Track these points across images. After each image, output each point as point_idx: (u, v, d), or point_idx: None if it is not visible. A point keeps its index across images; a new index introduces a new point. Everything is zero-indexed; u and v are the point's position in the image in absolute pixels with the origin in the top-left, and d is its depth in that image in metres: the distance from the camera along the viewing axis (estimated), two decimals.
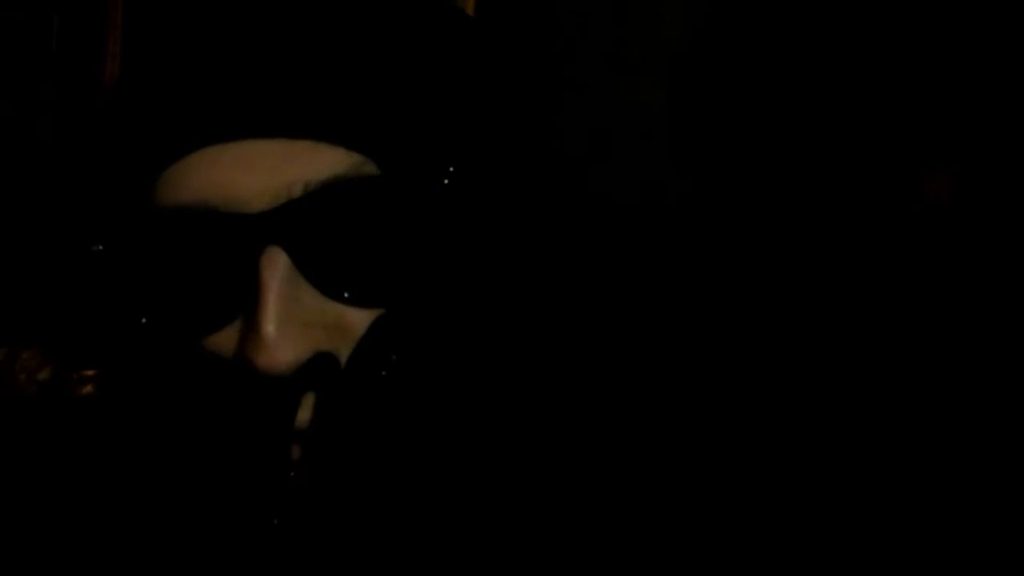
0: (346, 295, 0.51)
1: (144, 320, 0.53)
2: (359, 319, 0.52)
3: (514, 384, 0.55)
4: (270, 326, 0.49)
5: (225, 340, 0.52)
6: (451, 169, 0.52)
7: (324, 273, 0.51)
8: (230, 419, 0.51)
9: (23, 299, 1.28)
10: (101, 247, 0.54)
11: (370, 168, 0.51)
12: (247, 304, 0.50)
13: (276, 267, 0.50)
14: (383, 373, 0.52)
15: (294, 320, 0.50)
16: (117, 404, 0.66)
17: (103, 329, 0.60)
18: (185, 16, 0.54)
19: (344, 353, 0.52)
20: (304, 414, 0.51)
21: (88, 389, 1.04)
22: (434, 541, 0.53)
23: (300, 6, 0.53)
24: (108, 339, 0.63)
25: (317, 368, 0.50)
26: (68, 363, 1.08)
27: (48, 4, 1.38)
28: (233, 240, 0.50)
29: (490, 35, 0.58)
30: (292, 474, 0.50)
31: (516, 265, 0.55)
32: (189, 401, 0.53)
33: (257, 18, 0.53)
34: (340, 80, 0.51)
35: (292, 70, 0.51)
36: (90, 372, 1.05)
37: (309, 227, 0.50)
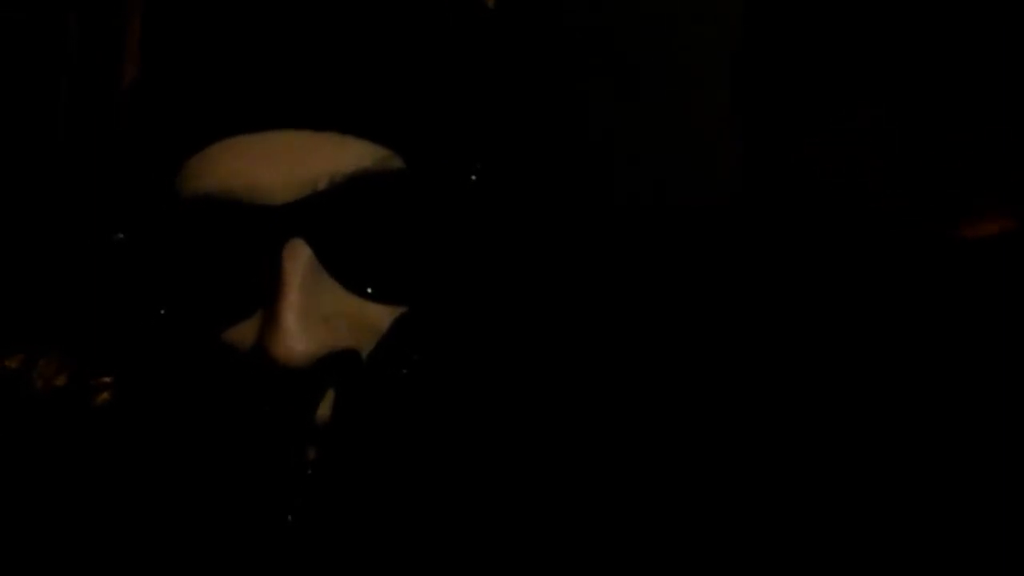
0: (369, 290, 0.51)
1: (164, 311, 0.53)
2: (381, 315, 0.51)
3: (539, 385, 0.54)
4: (290, 317, 0.48)
5: (245, 333, 0.51)
6: (478, 165, 0.51)
7: (347, 267, 0.50)
8: (247, 412, 0.51)
9: (40, 303, 1.28)
10: (122, 236, 0.53)
11: (396, 162, 0.50)
12: (268, 296, 0.50)
13: (298, 259, 0.49)
14: (404, 371, 0.51)
15: (314, 313, 0.49)
16: (134, 403, 0.65)
17: (121, 325, 0.60)
18: (211, 5, 0.54)
19: (365, 349, 0.51)
20: (324, 410, 0.50)
21: (105, 396, 1.03)
22: (451, 541, 0.52)
23: None
24: (126, 336, 0.62)
25: (337, 363, 0.50)
26: (86, 369, 1.07)
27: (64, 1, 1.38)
28: (256, 231, 0.50)
29: (516, 30, 0.58)
30: (309, 471, 0.50)
31: (543, 264, 0.55)
32: (207, 395, 0.53)
33: (285, 8, 0.52)
34: (367, 73, 0.51)
35: (319, 61, 0.51)
36: (107, 379, 1.05)
37: (333, 220, 0.49)
